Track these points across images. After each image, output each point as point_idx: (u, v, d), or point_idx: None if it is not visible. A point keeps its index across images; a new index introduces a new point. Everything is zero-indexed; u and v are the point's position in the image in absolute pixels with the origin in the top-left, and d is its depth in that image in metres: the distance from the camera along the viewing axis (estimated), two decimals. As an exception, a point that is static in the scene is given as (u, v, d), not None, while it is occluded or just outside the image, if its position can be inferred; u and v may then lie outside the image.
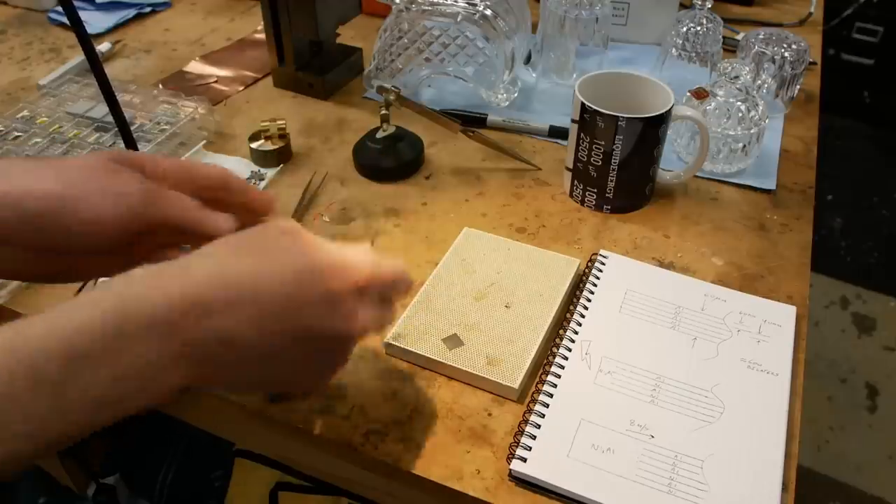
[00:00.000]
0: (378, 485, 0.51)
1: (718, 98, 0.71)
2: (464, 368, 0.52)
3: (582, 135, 0.66)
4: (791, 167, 0.76)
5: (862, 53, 2.22)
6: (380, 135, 0.74)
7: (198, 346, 0.34)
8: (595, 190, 0.68)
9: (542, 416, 0.49)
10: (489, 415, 0.51)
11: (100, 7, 1.06)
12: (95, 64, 0.48)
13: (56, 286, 0.60)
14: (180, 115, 0.78)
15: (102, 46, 0.95)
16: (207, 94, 0.86)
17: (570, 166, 0.69)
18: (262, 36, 1.00)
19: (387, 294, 0.42)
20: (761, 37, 0.82)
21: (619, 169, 0.66)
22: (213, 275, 0.34)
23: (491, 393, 0.52)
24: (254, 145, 0.75)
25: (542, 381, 0.51)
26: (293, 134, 0.78)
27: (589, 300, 0.58)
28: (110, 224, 0.40)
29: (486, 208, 0.70)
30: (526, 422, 0.49)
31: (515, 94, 0.83)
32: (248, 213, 0.46)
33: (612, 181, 0.67)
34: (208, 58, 0.96)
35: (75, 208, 0.39)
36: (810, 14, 1.04)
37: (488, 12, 0.77)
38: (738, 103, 0.71)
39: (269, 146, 0.75)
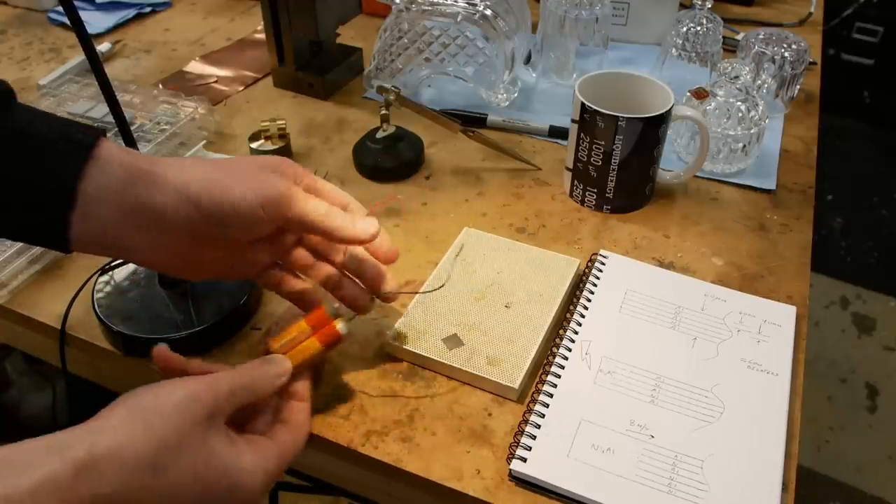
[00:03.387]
0: (378, 485, 0.51)
1: (718, 98, 0.71)
2: (464, 368, 0.52)
3: (582, 135, 0.66)
4: (791, 167, 0.76)
5: (862, 53, 2.22)
6: (380, 135, 0.74)
7: None
8: (595, 190, 0.68)
9: (542, 416, 0.49)
10: (489, 415, 0.51)
11: (100, 7, 1.06)
12: (95, 64, 0.48)
13: (57, 286, 0.60)
14: (180, 115, 0.78)
15: (102, 46, 0.95)
16: (207, 94, 0.86)
17: (570, 166, 0.69)
18: (262, 36, 1.00)
19: None
20: (761, 37, 0.82)
21: (619, 169, 0.66)
22: (136, 492, 0.35)
23: (491, 393, 0.52)
24: (254, 145, 0.75)
25: (542, 381, 0.51)
26: (293, 134, 0.78)
27: (589, 300, 0.58)
28: (255, 207, 0.43)
29: (486, 208, 0.70)
30: (526, 422, 0.49)
31: (515, 94, 0.83)
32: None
33: (612, 181, 0.67)
34: (208, 58, 0.96)
35: (227, 185, 0.43)
36: (810, 14, 1.04)
37: (488, 12, 0.77)
38: (738, 103, 0.71)
39: (269, 146, 0.75)
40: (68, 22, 0.45)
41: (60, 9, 1.03)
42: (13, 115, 0.42)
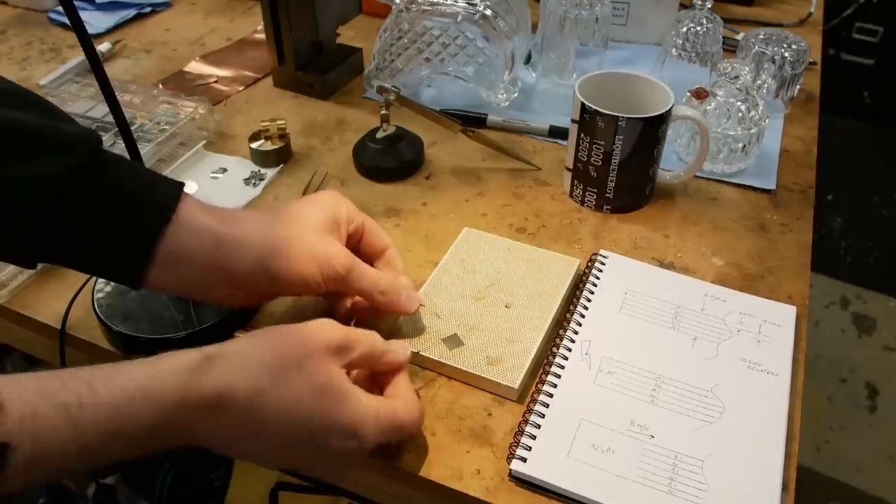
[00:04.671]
0: (378, 485, 0.51)
1: (718, 98, 0.71)
2: (464, 368, 0.52)
3: (582, 135, 0.66)
4: (791, 167, 0.76)
5: (862, 53, 2.22)
6: (380, 135, 0.74)
7: (204, 441, 0.39)
8: (595, 190, 0.68)
9: (542, 416, 0.49)
10: (489, 415, 0.51)
11: (100, 7, 1.06)
12: (95, 64, 0.48)
13: (57, 286, 0.60)
14: (180, 115, 0.78)
15: (102, 46, 0.95)
16: (207, 94, 0.86)
17: (570, 166, 0.69)
18: (262, 36, 1.00)
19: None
20: (761, 37, 0.82)
21: (619, 169, 0.66)
22: (247, 399, 0.38)
23: (491, 393, 0.52)
24: (254, 145, 0.75)
25: (542, 381, 0.51)
26: (293, 134, 0.78)
27: (589, 300, 0.58)
28: (319, 282, 0.48)
29: (486, 208, 0.70)
30: (526, 422, 0.49)
31: (515, 94, 0.83)
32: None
33: (612, 181, 0.67)
34: (208, 58, 0.96)
35: (298, 257, 0.48)
36: (810, 14, 1.04)
37: (488, 12, 0.77)
38: (738, 103, 0.71)
39: (269, 146, 0.75)
40: (68, 22, 0.45)
41: (60, 9, 1.03)
42: (102, 167, 0.45)
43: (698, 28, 0.83)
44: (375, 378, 0.47)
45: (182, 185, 0.47)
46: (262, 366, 0.39)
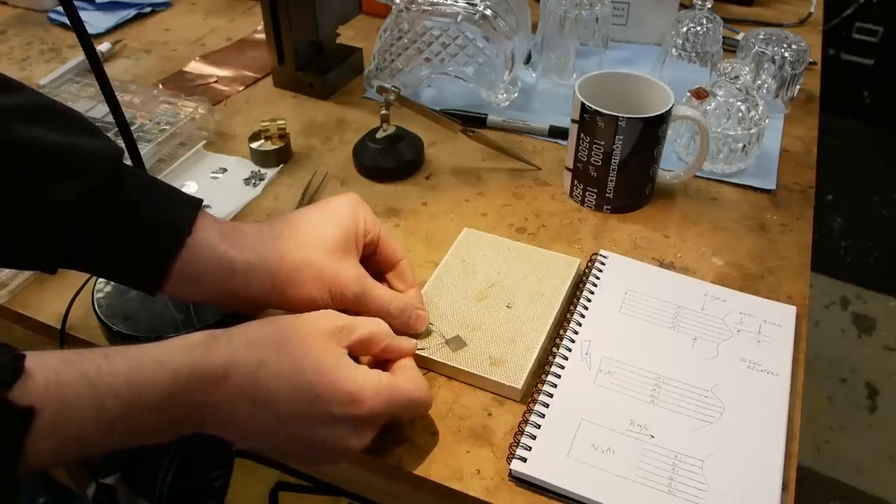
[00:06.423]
0: (378, 485, 0.51)
1: (718, 98, 0.71)
2: (467, 370, 0.52)
3: (582, 135, 0.66)
4: (791, 167, 0.76)
5: (862, 53, 2.22)
6: (380, 135, 0.74)
7: (213, 420, 0.41)
8: (595, 190, 0.68)
9: (543, 416, 0.49)
10: (489, 415, 0.51)
11: (100, 7, 1.06)
12: (95, 64, 0.48)
13: (57, 286, 0.60)
14: (180, 115, 0.78)
15: (102, 46, 0.95)
16: (207, 94, 0.86)
17: (570, 166, 0.69)
18: (262, 36, 1.00)
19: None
20: (761, 37, 0.82)
21: (619, 169, 0.66)
22: (252, 370, 0.41)
23: (494, 393, 0.52)
24: (254, 145, 0.75)
25: (543, 381, 0.51)
26: (293, 134, 0.78)
27: (589, 300, 0.58)
28: (328, 304, 0.49)
29: (486, 208, 0.70)
30: (526, 422, 0.49)
31: (515, 94, 0.83)
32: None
33: (612, 181, 0.67)
34: (208, 58, 0.96)
35: (306, 282, 0.49)
36: (810, 14, 1.04)
37: (488, 12, 0.77)
38: (738, 103, 0.71)
39: (269, 146, 0.75)
40: (68, 22, 0.45)
41: (60, 9, 1.03)
42: (121, 184, 0.46)
43: (698, 28, 0.83)
44: (383, 366, 0.48)
45: (199, 203, 0.48)
46: (266, 341, 0.42)
